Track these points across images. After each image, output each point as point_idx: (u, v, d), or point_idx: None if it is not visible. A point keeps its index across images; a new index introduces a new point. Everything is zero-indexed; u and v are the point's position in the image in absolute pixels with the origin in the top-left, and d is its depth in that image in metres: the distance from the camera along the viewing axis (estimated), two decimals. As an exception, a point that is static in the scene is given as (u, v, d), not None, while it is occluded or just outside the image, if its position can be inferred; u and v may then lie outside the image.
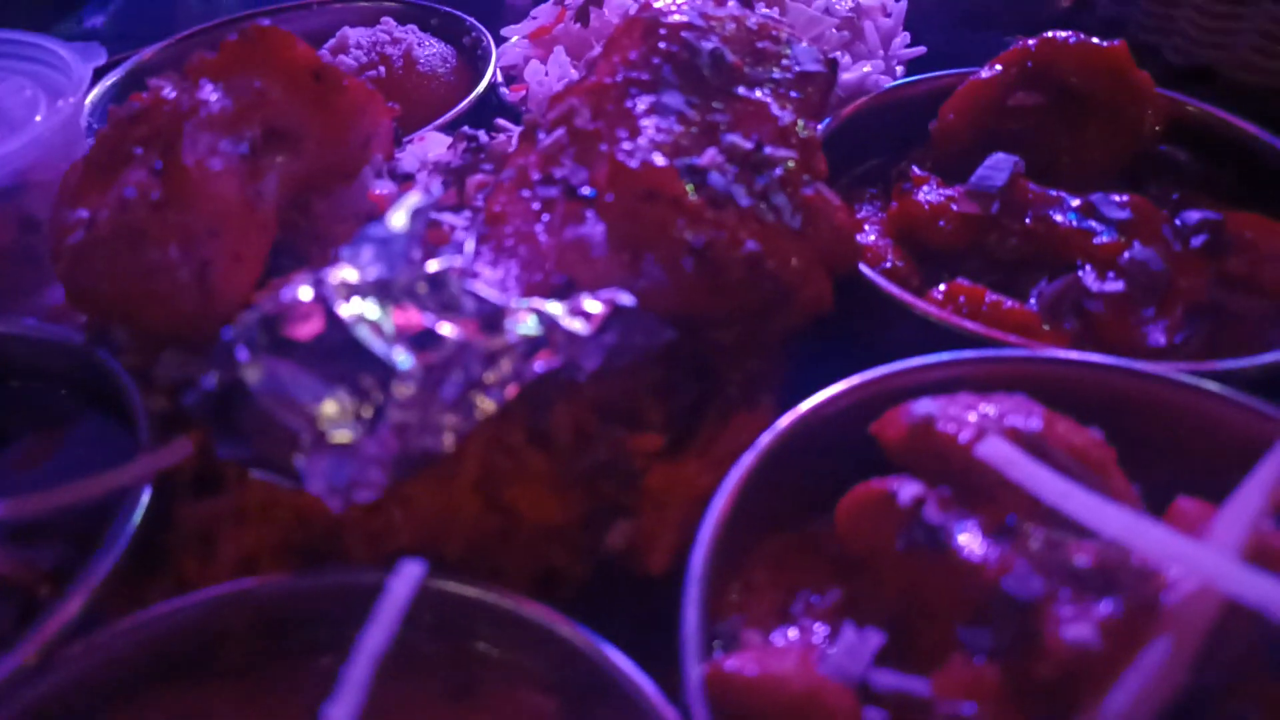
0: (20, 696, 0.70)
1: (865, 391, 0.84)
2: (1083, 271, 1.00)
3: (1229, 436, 0.79)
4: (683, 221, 0.84)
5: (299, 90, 0.93)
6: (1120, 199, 1.05)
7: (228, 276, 0.86)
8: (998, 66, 1.17)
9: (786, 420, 0.82)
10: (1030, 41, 1.16)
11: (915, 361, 0.86)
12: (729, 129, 0.93)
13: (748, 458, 0.79)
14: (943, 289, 1.00)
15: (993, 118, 1.16)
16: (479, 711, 0.72)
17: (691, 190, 0.86)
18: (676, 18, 0.98)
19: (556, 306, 0.78)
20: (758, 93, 0.97)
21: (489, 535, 0.83)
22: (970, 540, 0.67)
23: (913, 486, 0.71)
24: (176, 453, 0.83)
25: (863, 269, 0.99)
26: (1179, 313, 0.97)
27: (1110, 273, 0.98)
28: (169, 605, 0.75)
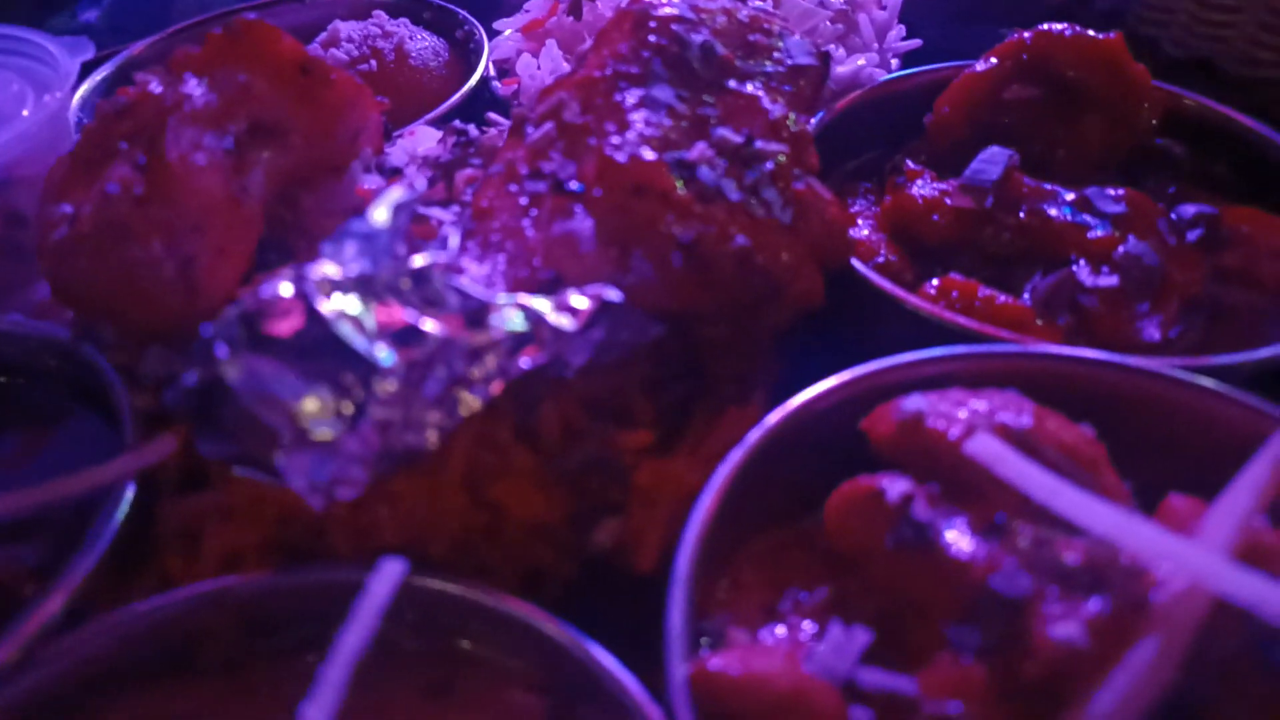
0: (1, 694, 0.70)
1: (856, 387, 0.84)
2: (1077, 266, 0.99)
3: (1222, 432, 0.79)
4: (671, 216, 0.83)
5: (285, 84, 0.92)
6: (1115, 193, 1.04)
7: (212, 272, 0.85)
8: (993, 59, 1.16)
9: (776, 416, 0.82)
10: (1026, 34, 1.15)
11: (906, 357, 0.85)
12: (719, 123, 0.92)
13: (736, 455, 0.79)
14: (936, 284, 0.99)
15: (988, 111, 1.15)
16: (463, 710, 0.71)
17: (681, 185, 0.85)
18: (667, 10, 0.97)
19: (542, 302, 0.77)
20: (749, 86, 0.96)
21: (475, 532, 0.82)
22: (958, 538, 0.67)
23: (901, 484, 0.71)
24: (160, 449, 0.82)
25: (855, 264, 0.98)
26: (1174, 307, 0.96)
27: (1105, 267, 0.97)
28: (151, 603, 0.75)
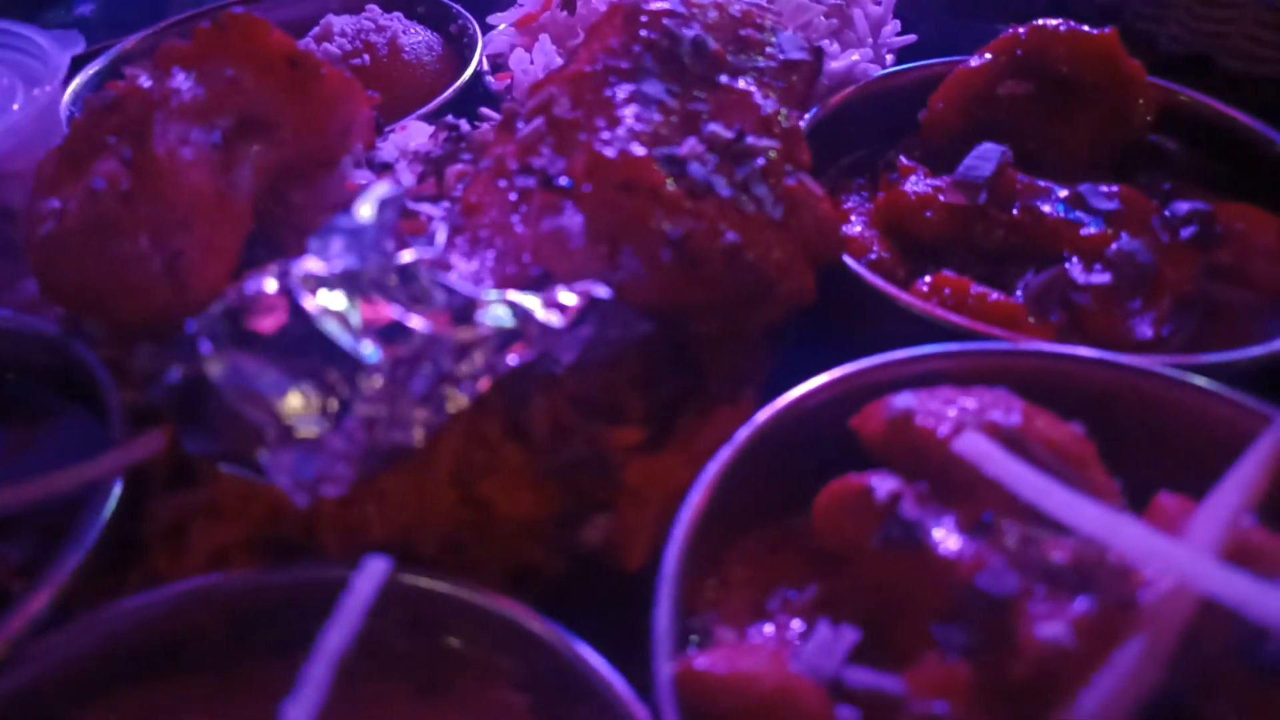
0: (-13, 692, 0.69)
1: (846, 385, 0.83)
2: (1070, 263, 0.99)
3: (1213, 431, 0.78)
4: (661, 212, 0.83)
5: (274, 78, 0.92)
6: (1109, 189, 1.04)
7: (199, 268, 0.85)
8: (987, 55, 1.16)
9: (765, 414, 0.81)
10: (1020, 29, 1.14)
11: (897, 355, 0.84)
12: (710, 118, 0.91)
13: (724, 452, 0.78)
14: (928, 281, 0.99)
15: (982, 107, 1.15)
16: (450, 708, 0.71)
17: (671, 181, 0.85)
18: (658, 5, 0.96)
19: (531, 299, 0.77)
20: (740, 81, 0.95)
21: (464, 529, 0.82)
22: (946, 536, 0.66)
23: (890, 482, 0.70)
24: (148, 446, 0.82)
25: (847, 260, 0.98)
26: (1167, 305, 0.96)
27: (1097, 264, 0.97)
28: (138, 600, 0.75)
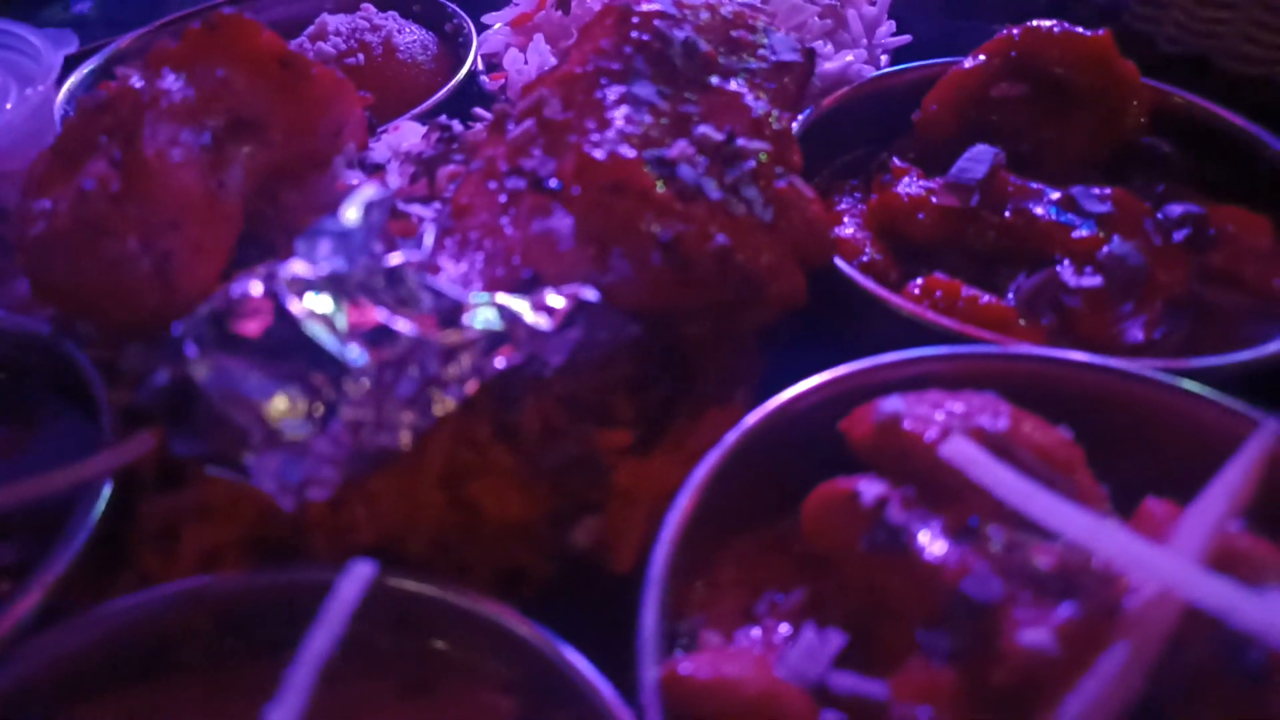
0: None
1: (836, 388, 0.83)
2: (1061, 266, 0.99)
3: (1202, 435, 0.78)
4: (650, 214, 0.83)
5: (264, 79, 0.92)
6: (1101, 192, 1.04)
7: (189, 269, 0.85)
8: (981, 56, 1.16)
9: (755, 417, 0.81)
10: (1014, 31, 1.14)
11: (887, 358, 0.84)
12: (701, 120, 0.91)
13: (714, 455, 0.78)
14: (919, 283, 0.99)
15: (976, 108, 1.15)
16: (436, 710, 0.71)
17: (660, 183, 0.84)
18: (650, 6, 0.96)
19: (518, 301, 0.77)
20: (731, 83, 0.95)
21: (453, 531, 0.82)
22: (931, 541, 0.66)
23: (876, 486, 0.70)
24: (139, 447, 0.82)
25: (838, 263, 0.98)
26: (1158, 308, 0.95)
27: (1088, 267, 0.97)
28: (126, 601, 0.75)
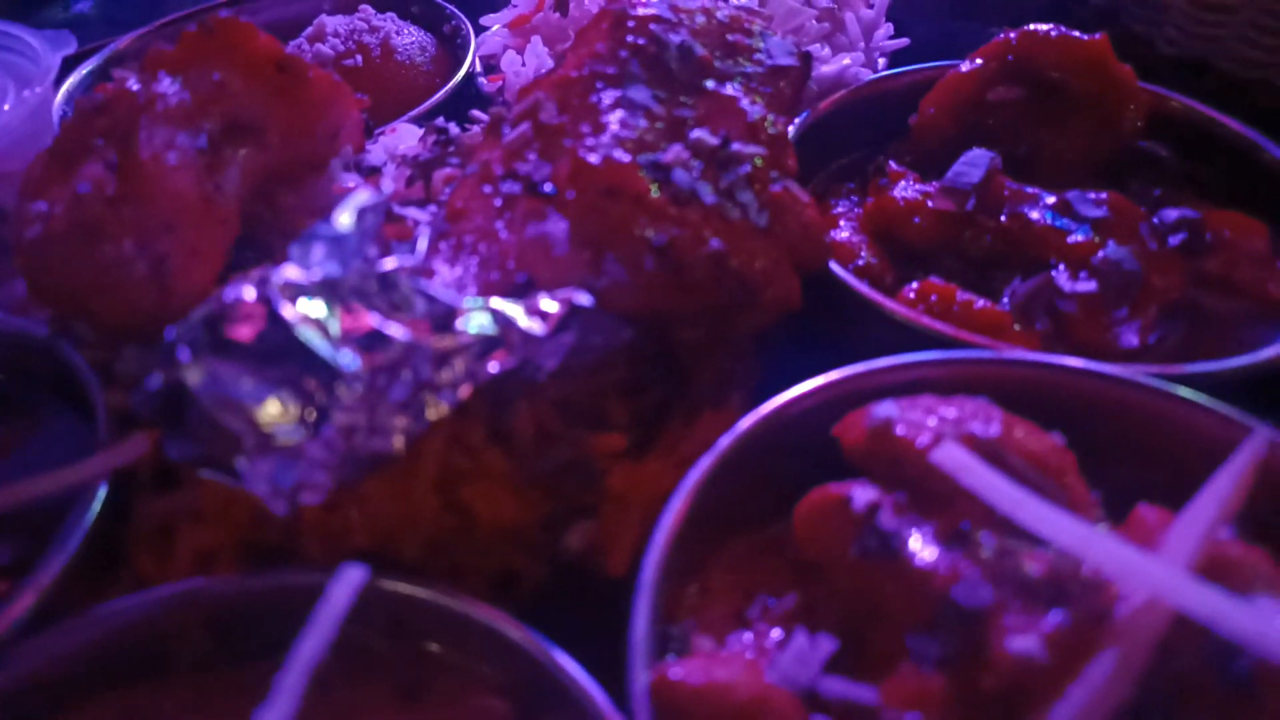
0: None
1: (829, 393, 0.83)
2: (1056, 271, 0.99)
3: (1194, 441, 0.78)
4: (644, 219, 0.83)
5: (260, 82, 0.92)
6: (1097, 196, 1.03)
7: (185, 271, 0.85)
8: (978, 60, 1.16)
9: (748, 421, 0.81)
10: (1011, 34, 1.14)
11: (881, 363, 0.84)
12: (696, 124, 0.91)
13: (707, 459, 0.79)
14: (915, 287, 0.99)
15: (973, 112, 1.15)
16: (429, 713, 0.71)
17: (655, 187, 0.85)
18: (645, 10, 0.96)
19: (512, 306, 0.77)
20: (727, 87, 0.95)
21: (447, 535, 0.82)
22: (922, 547, 0.66)
23: (868, 492, 0.70)
24: (134, 449, 0.82)
25: (833, 267, 0.98)
26: (1153, 313, 0.95)
27: (1083, 272, 0.97)
28: (120, 603, 0.75)
